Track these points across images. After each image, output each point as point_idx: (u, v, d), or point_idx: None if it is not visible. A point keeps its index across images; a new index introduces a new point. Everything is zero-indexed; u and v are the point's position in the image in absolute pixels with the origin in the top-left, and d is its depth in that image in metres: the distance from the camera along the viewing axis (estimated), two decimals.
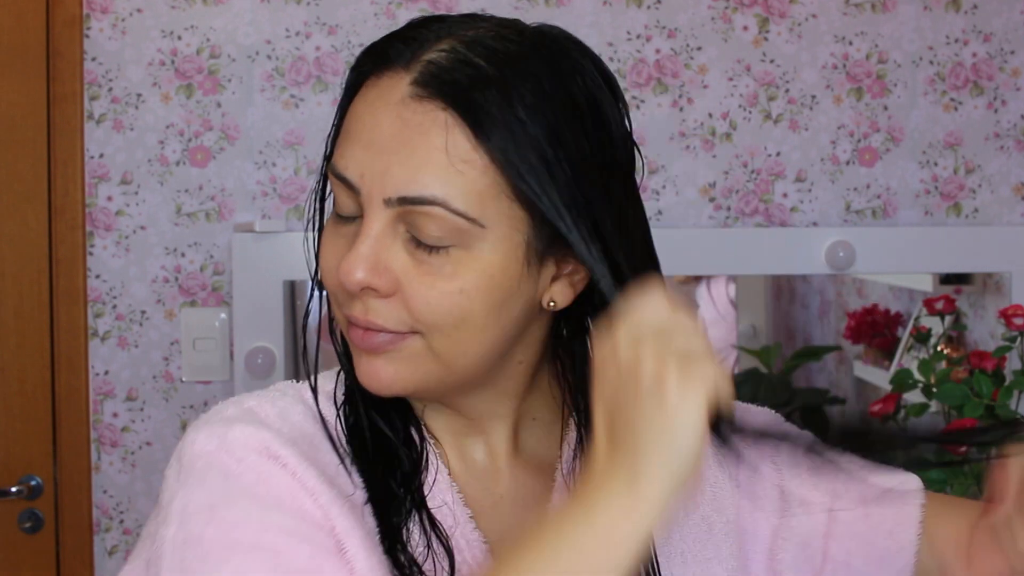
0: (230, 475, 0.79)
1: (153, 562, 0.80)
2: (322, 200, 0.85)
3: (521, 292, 0.80)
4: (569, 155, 0.78)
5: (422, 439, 0.88)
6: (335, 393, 0.88)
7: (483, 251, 0.78)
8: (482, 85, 0.76)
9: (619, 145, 0.82)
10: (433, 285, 0.78)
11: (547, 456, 0.91)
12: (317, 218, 0.85)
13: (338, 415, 0.87)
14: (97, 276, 2.07)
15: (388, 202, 0.77)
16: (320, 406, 0.87)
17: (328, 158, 0.83)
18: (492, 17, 0.83)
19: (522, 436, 0.91)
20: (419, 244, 0.78)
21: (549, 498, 0.90)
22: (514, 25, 0.82)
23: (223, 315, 2.09)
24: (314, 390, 0.87)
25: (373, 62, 0.81)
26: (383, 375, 0.81)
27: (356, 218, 0.80)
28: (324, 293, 0.87)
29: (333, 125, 0.83)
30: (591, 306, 0.85)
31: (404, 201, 0.77)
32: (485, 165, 0.76)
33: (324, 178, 0.84)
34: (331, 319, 0.86)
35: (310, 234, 0.86)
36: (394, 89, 0.78)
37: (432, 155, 0.76)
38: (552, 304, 0.83)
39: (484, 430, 0.89)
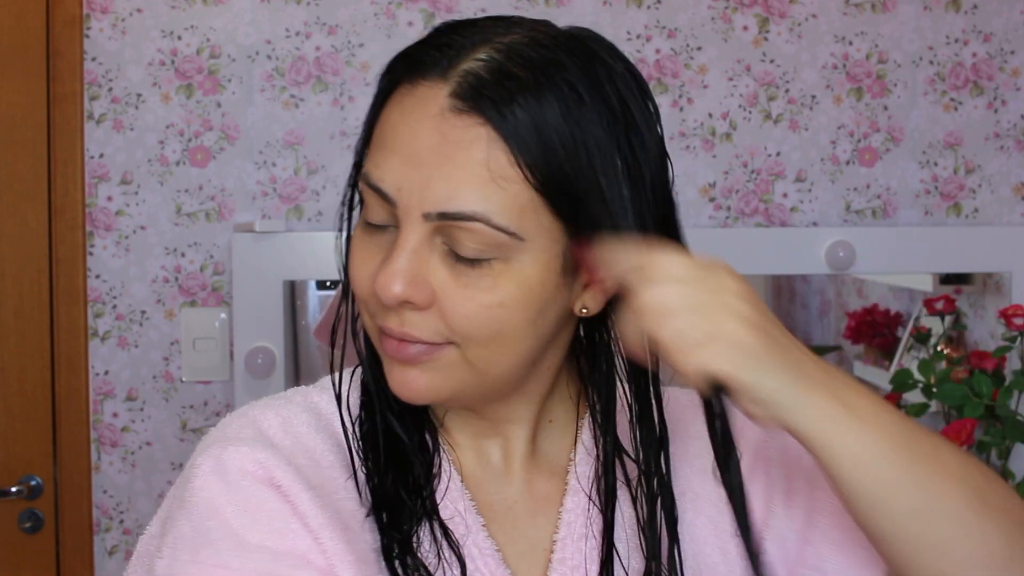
0: (217, 510, 0.80)
1: None
2: (350, 208, 0.85)
3: (557, 301, 0.80)
4: (604, 166, 0.77)
5: (436, 445, 0.87)
6: (348, 395, 0.88)
7: (522, 264, 0.78)
8: (521, 99, 0.76)
9: (651, 148, 0.82)
10: (472, 298, 0.77)
11: (560, 458, 0.91)
12: (346, 226, 0.85)
13: (353, 420, 0.87)
14: (97, 276, 2.07)
15: (427, 216, 0.77)
16: (339, 413, 0.87)
17: (358, 165, 0.82)
18: (523, 20, 0.82)
19: (539, 438, 0.90)
20: (458, 257, 0.77)
21: (561, 502, 0.89)
22: (546, 29, 0.81)
23: (223, 315, 2.09)
24: (338, 397, 0.87)
25: (406, 68, 0.80)
26: (416, 385, 0.81)
27: (388, 227, 0.80)
28: (342, 296, 0.86)
29: (363, 131, 0.83)
30: (613, 307, 0.85)
31: (445, 216, 0.76)
32: (524, 180, 0.76)
33: (354, 186, 0.83)
34: (354, 321, 0.86)
35: (340, 239, 0.85)
36: (432, 100, 0.77)
37: (473, 170, 0.76)
38: (585, 311, 0.83)
39: (503, 432, 0.89)
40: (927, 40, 2.17)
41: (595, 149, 0.77)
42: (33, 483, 2.05)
